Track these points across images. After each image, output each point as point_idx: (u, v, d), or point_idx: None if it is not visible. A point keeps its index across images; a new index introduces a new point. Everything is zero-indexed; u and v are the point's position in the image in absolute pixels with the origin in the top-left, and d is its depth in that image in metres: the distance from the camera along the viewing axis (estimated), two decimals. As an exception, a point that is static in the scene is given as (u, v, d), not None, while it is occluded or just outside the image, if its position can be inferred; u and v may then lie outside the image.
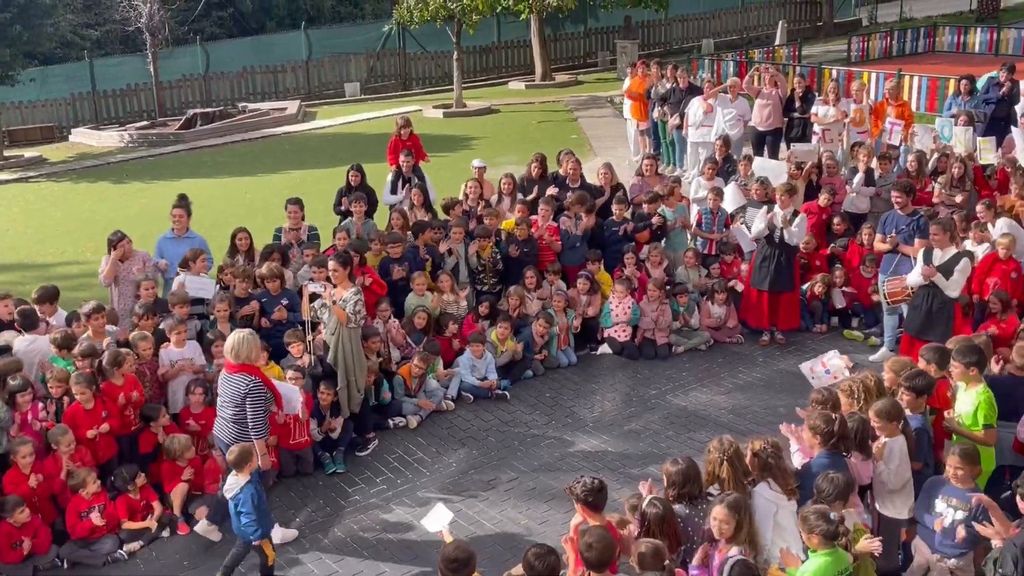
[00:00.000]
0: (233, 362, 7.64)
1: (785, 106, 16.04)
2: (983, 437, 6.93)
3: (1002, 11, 34.76)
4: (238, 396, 7.61)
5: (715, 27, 35.35)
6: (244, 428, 7.62)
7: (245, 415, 7.61)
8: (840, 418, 6.44)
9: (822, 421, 6.44)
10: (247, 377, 7.62)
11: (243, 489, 7.08)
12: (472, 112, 25.81)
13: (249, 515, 7.06)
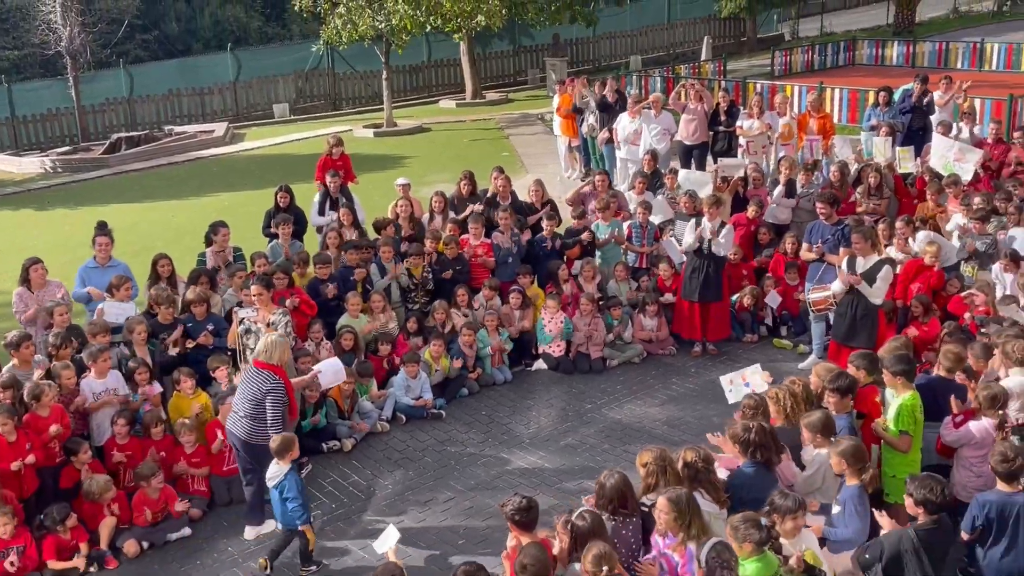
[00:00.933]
0: (264, 361, 7.89)
1: (710, 120, 16.30)
2: (897, 442, 7.06)
3: (917, 25, 35.81)
4: (259, 392, 7.82)
5: (642, 44, 35.82)
6: (259, 424, 7.82)
7: (263, 411, 7.80)
8: (758, 427, 6.50)
9: (741, 430, 6.51)
10: (273, 376, 7.86)
11: (287, 476, 7.42)
12: (403, 131, 25.76)
13: (295, 500, 7.37)
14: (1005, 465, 6.09)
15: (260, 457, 7.84)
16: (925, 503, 5.91)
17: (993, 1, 39.49)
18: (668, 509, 5.79)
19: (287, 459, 7.47)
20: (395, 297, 11.37)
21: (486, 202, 12.74)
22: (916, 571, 5.82)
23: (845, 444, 6.35)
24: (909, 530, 5.95)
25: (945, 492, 5.91)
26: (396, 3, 23.93)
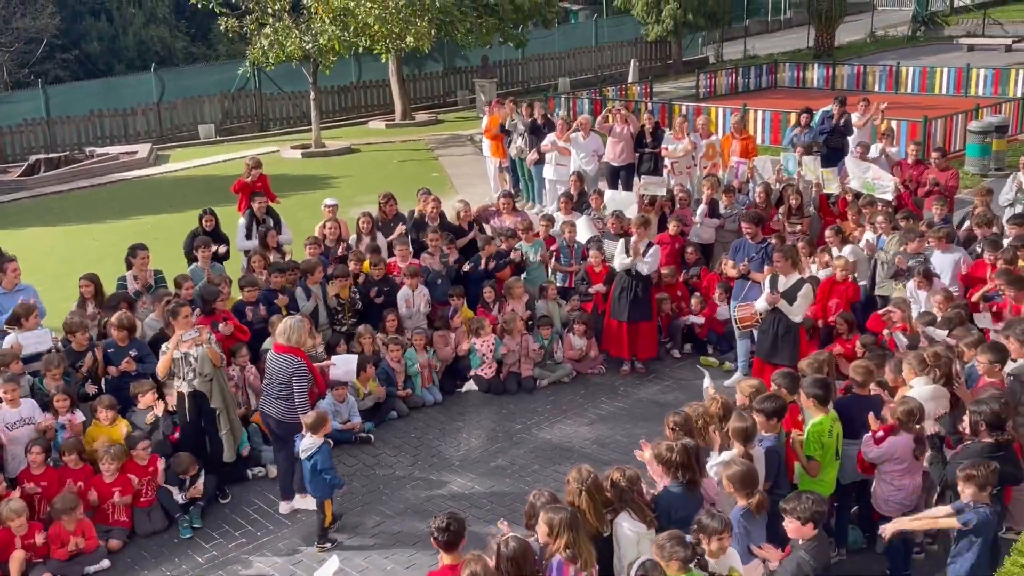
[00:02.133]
0: (284, 344, 8.40)
1: (636, 142, 16.51)
2: (806, 466, 7.19)
3: (836, 49, 36.80)
4: (285, 375, 8.40)
5: (571, 66, 36.17)
6: (290, 404, 8.40)
7: (291, 392, 8.37)
8: (681, 447, 6.54)
9: (664, 450, 6.54)
10: (295, 359, 8.41)
11: (320, 448, 8.04)
12: (331, 152, 25.57)
13: (331, 470, 8.09)
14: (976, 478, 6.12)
15: (293, 435, 8.41)
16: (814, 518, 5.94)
17: (907, 26, 40.78)
18: (542, 524, 5.85)
19: (320, 433, 8.08)
20: (322, 319, 11.23)
21: (413, 223, 12.70)
22: None
23: (735, 468, 6.35)
24: (801, 553, 5.96)
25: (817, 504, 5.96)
26: (324, 24, 23.80)
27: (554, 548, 5.80)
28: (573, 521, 5.87)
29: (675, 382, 11.43)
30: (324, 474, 8.09)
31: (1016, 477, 6.82)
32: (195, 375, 8.81)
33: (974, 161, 19.21)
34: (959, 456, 6.84)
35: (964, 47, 35.29)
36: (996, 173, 18.68)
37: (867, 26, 41.96)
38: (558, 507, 5.96)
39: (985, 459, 6.31)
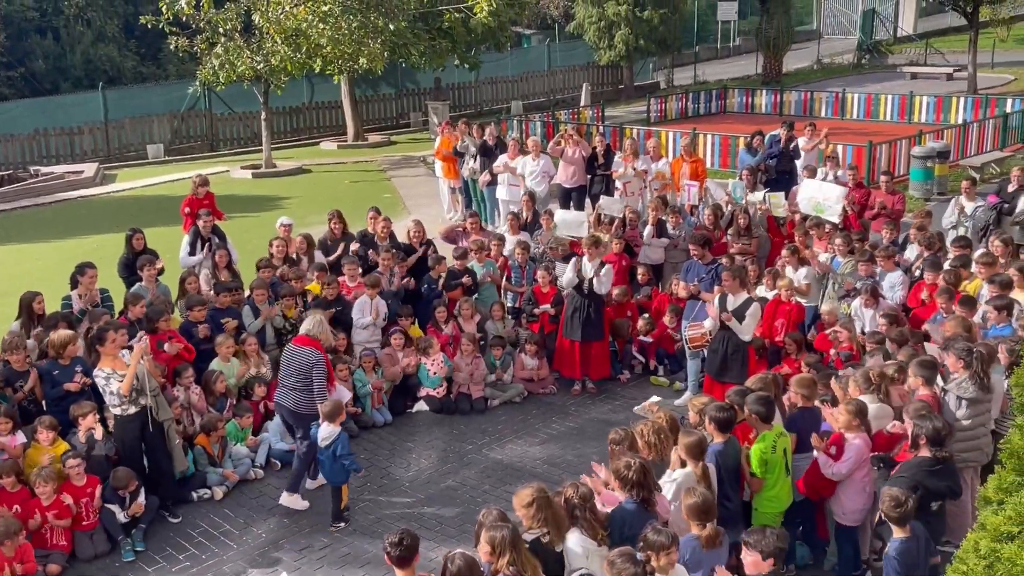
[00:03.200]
0: (307, 337, 8.97)
1: (588, 164, 16.63)
2: (749, 481, 7.27)
3: (784, 75, 37.47)
4: (305, 366, 8.90)
5: (523, 89, 36.40)
6: (306, 394, 8.91)
7: (308, 383, 8.87)
8: (638, 464, 6.55)
9: (624, 467, 6.54)
10: (316, 352, 8.93)
11: (340, 436, 8.56)
12: (282, 172, 25.39)
13: (348, 454, 8.57)
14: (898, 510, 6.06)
15: (306, 425, 8.95)
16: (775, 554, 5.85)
17: (853, 54, 41.65)
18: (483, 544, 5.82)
19: (337, 421, 8.60)
20: (270, 339, 11.09)
21: (361, 242, 12.65)
22: None
23: (694, 499, 6.30)
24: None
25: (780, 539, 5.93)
26: (275, 44, 23.69)
27: (498, 566, 5.75)
28: (515, 538, 5.84)
29: (626, 402, 11.44)
30: (343, 459, 8.55)
31: (954, 491, 6.93)
32: (138, 394, 8.63)
33: (917, 185, 19.63)
34: (900, 470, 6.93)
35: (907, 75, 36.14)
36: (939, 197, 19.11)
37: (814, 54, 42.80)
38: (500, 524, 5.92)
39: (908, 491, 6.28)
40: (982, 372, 7.38)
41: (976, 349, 7.44)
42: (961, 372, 7.44)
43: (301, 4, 23.36)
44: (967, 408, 7.38)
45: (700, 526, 6.27)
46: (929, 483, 6.68)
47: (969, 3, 30.85)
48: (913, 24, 47.55)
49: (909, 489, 6.56)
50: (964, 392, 7.36)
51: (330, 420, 8.61)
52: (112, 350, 8.66)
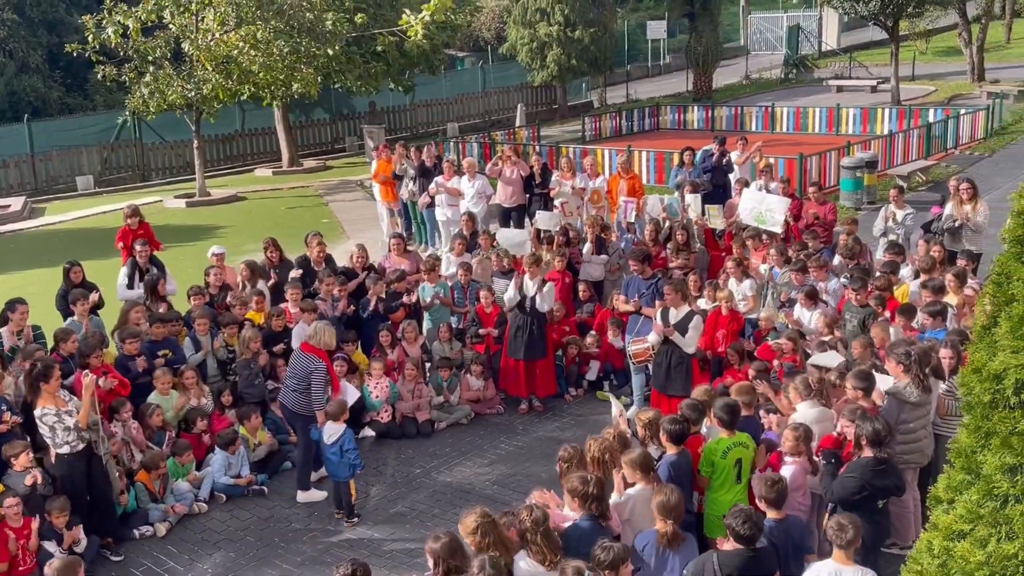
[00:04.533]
0: (310, 344, 9.49)
1: (526, 183, 16.70)
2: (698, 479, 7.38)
3: (714, 92, 38.13)
4: (305, 372, 9.39)
5: (458, 111, 36.49)
6: (305, 397, 9.42)
7: (308, 387, 9.37)
8: (596, 479, 6.55)
9: (579, 483, 6.52)
10: (316, 359, 9.44)
11: (344, 432, 9.03)
12: (217, 200, 25.05)
13: (353, 450, 9.04)
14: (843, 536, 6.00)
15: (304, 425, 9.49)
16: (730, 529, 6.08)
17: (780, 69, 42.55)
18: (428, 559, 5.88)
19: (341, 420, 9.07)
20: (211, 370, 10.88)
21: (301, 268, 12.51)
22: None
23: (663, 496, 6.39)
24: (713, 553, 6.13)
25: (750, 523, 6.02)
26: (206, 72, 23.42)
27: None
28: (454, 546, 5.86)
29: (573, 419, 11.47)
30: (349, 453, 8.98)
31: (899, 488, 7.06)
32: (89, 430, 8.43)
33: (847, 195, 20.06)
34: (846, 472, 7.03)
35: (833, 88, 37.01)
36: (868, 206, 19.55)
37: (742, 70, 43.64)
38: (437, 536, 5.94)
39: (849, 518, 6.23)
40: (922, 376, 7.54)
41: (915, 353, 7.59)
42: (902, 377, 7.59)
43: (232, 31, 23.16)
44: (909, 411, 7.53)
45: (663, 521, 6.29)
46: (876, 482, 6.82)
47: (889, 17, 31.74)
48: (836, 38, 48.77)
49: (858, 488, 6.69)
50: (906, 396, 7.51)
51: (335, 419, 9.10)
52: (55, 387, 8.47)
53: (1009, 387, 3.37)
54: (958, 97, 33.34)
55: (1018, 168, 22.73)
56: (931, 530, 3.69)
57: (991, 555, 3.32)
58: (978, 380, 3.51)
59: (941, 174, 22.65)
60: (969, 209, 13.07)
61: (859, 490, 6.75)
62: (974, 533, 3.42)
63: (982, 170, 22.61)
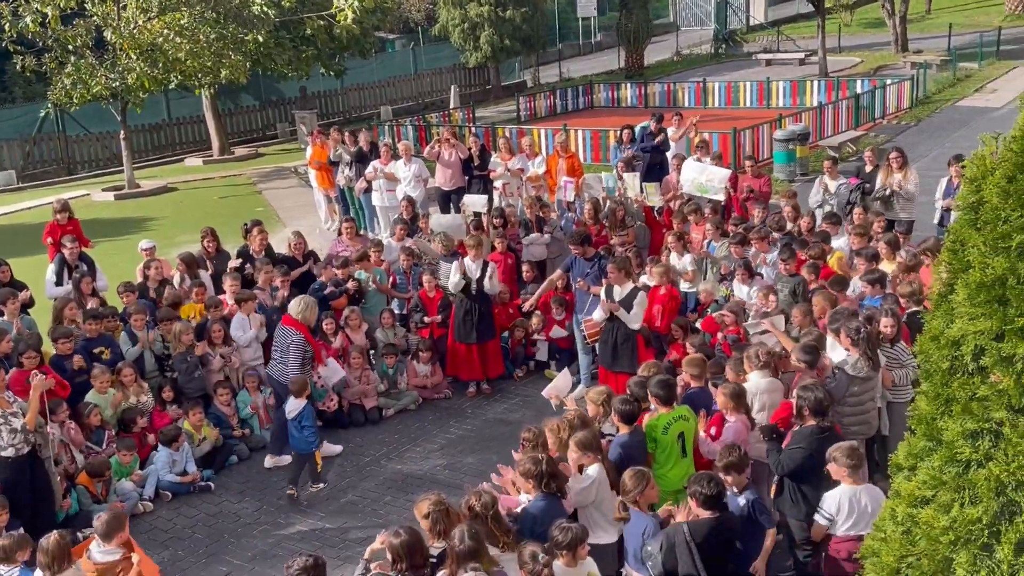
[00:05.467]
0: (293, 318, 9.91)
1: (464, 166, 16.58)
2: None
3: (646, 68, 38.30)
4: (284, 344, 9.94)
5: (391, 94, 36.11)
6: (285, 367, 9.92)
7: (288, 358, 9.88)
8: (547, 459, 6.54)
9: (531, 464, 6.51)
10: (295, 332, 9.91)
11: (304, 408, 9.29)
12: (147, 192, 24.46)
13: (310, 427, 9.31)
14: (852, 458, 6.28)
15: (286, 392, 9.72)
16: (695, 496, 6.20)
17: (710, 44, 42.92)
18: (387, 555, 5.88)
19: (303, 396, 9.36)
20: (149, 366, 10.62)
21: (241, 258, 12.28)
22: (687, 563, 6.07)
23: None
24: (683, 524, 6.20)
25: (713, 482, 6.16)
26: (131, 61, 22.78)
27: None
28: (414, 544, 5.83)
29: (521, 400, 11.46)
30: (305, 430, 9.25)
31: None
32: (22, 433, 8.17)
33: (781, 168, 20.31)
34: (792, 443, 7.12)
35: (762, 62, 37.45)
36: (802, 178, 19.82)
37: (673, 46, 43.89)
38: (398, 532, 5.89)
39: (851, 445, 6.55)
40: (871, 351, 7.66)
41: (865, 328, 7.70)
42: (852, 351, 7.70)
43: (155, 18, 22.56)
44: (857, 385, 7.65)
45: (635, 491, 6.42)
46: (822, 450, 6.90)
47: (815, -10, 32.17)
48: (764, 13, 49.36)
49: (805, 457, 6.77)
50: (856, 371, 7.63)
51: (296, 395, 9.38)
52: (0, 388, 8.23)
53: (968, 353, 3.42)
54: (883, 68, 33.98)
55: (943, 136, 23.28)
56: (894, 498, 3.73)
57: (955, 520, 3.37)
58: (936, 347, 3.55)
59: (870, 143, 23.05)
60: (900, 178, 13.31)
61: (806, 459, 6.83)
62: (937, 499, 3.46)
63: (909, 138, 23.09)
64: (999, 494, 3.34)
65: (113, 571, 6.44)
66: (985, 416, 3.36)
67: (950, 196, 12.88)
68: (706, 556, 6.09)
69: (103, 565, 6.42)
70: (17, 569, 6.63)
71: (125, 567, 6.49)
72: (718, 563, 6.21)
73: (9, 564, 6.60)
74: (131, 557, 6.57)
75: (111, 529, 6.51)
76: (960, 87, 29.86)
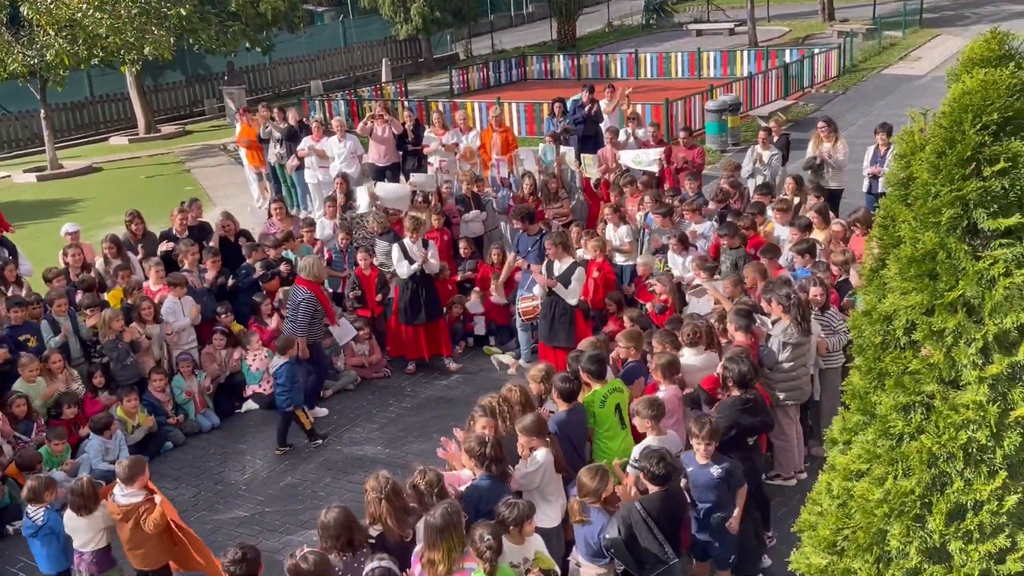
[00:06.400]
0: (304, 277, 10.35)
1: (398, 141, 16.40)
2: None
3: (578, 40, 38.26)
4: (295, 302, 10.34)
5: (321, 68, 35.54)
6: (296, 325, 10.31)
7: (298, 315, 10.25)
8: (493, 440, 6.52)
9: (476, 444, 6.48)
10: (306, 291, 10.28)
11: (281, 366, 9.60)
12: (71, 173, 23.76)
13: (283, 386, 9.63)
14: (661, 465, 6.27)
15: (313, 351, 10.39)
16: (643, 470, 6.26)
17: (641, 15, 43.01)
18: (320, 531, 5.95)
19: (287, 355, 9.70)
20: (75, 352, 10.34)
21: (166, 239, 12.02)
22: (648, 538, 6.12)
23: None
24: (635, 503, 6.24)
25: (663, 462, 6.20)
26: (49, 37, 22.02)
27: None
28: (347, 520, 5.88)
29: (461, 376, 11.43)
30: (278, 388, 9.69)
31: (767, 425, 7.28)
32: None
33: (713, 138, 20.50)
34: (716, 411, 7.22)
35: (693, 32, 37.64)
36: (734, 148, 20.03)
37: (604, 17, 43.89)
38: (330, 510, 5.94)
39: None
40: (801, 318, 7.78)
41: (795, 296, 7.82)
42: (784, 318, 7.81)
43: (73, -9, 21.83)
44: (789, 351, 7.77)
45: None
46: (743, 420, 7.01)
47: (743, -40, 32.37)
48: (694, -17, 49.53)
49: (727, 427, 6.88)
50: (787, 337, 7.74)
51: (280, 353, 9.73)
52: None
53: (900, 328, 3.47)
54: (811, 37, 34.42)
55: (870, 104, 23.70)
56: (829, 471, 3.79)
57: (889, 492, 3.43)
58: (868, 322, 3.60)
59: (800, 113, 23.39)
60: (829, 147, 13.50)
61: (728, 429, 6.93)
62: (871, 472, 3.52)
63: (837, 107, 23.47)
64: (931, 466, 3.42)
65: (136, 512, 6.96)
66: (917, 390, 3.43)
67: (877, 163, 13.12)
68: (663, 529, 6.15)
69: (127, 507, 6.96)
70: (43, 509, 7.14)
71: (148, 507, 6.98)
72: (673, 534, 6.29)
73: (37, 504, 7.16)
74: (153, 498, 7.05)
75: (133, 473, 7.01)
76: (885, 55, 30.40)
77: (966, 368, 3.36)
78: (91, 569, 7.06)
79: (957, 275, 3.31)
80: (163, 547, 7.16)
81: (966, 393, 3.34)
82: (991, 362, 3.30)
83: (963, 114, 3.23)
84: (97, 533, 7.03)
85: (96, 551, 7.05)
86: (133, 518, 6.95)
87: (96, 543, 7.05)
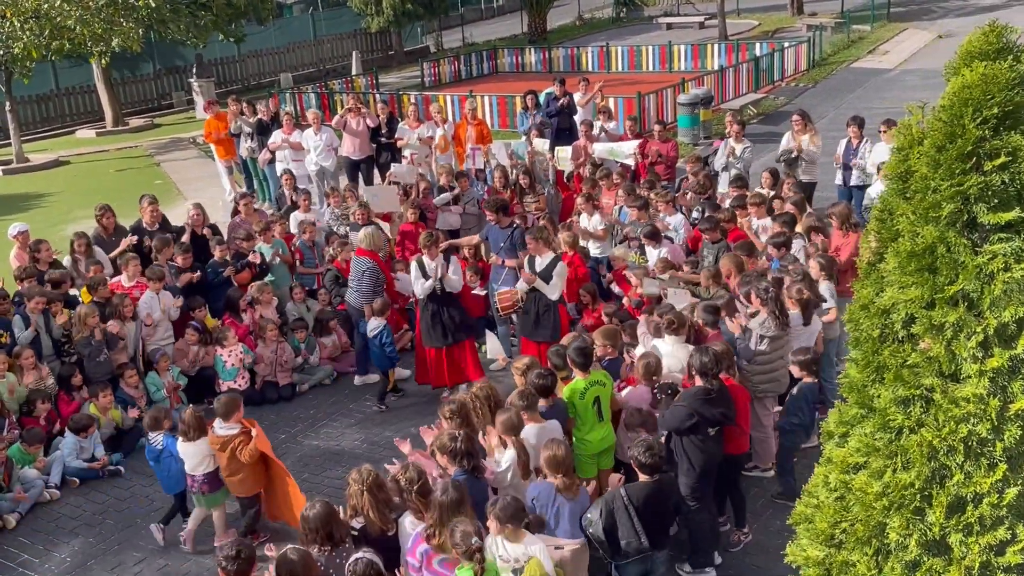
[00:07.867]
0: (365, 248, 10.74)
1: (372, 134, 16.30)
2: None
3: (549, 33, 38.25)
4: (359, 272, 10.73)
5: (291, 61, 35.26)
6: (360, 294, 10.74)
7: (363, 285, 10.69)
8: (465, 435, 6.48)
9: (448, 439, 6.45)
10: (368, 261, 10.68)
11: (383, 328, 10.25)
12: (37, 166, 23.42)
13: (391, 344, 10.32)
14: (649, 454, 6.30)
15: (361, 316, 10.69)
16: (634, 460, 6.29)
17: (612, 9, 43.06)
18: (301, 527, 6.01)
19: (384, 316, 10.31)
20: (47, 350, 10.16)
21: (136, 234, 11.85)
22: (627, 526, 6.14)
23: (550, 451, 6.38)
24: (620, 489, 6.27)
25: (650, 452, 6.22)
26: (15, 29, 21.63)
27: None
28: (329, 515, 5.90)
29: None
30: (386, 347, 10.18)
31: (728, 417, 7.22)
32: None
33: (685, 131, 20.54)
34: (677, 401, 7.19)
35: (663, 26, 37.78)
36: (706, 141, 20.09)
37: (575, 10, 43.93)
38: (310, 506, 5.96)
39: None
40: (779, 311, 7.81)
41: (773, 289, 7.84)
42: (762, 310, 7.84)
43: (39, -18, 21.47)
44: (767, 344, 7.79)
45: (555, 476, 6.33)
46: (704, 410, 6.97)
47: (714, -46, 32.49)
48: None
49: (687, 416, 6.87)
50: (765, 330, 7.77)
51: (379, 315, 10.26)
52: None
53: (898, 321, 3.47)
54: (781, 30, 34.64)
55: (839, 98, 23.88)
56: (825, 464, 3.79)
57: (888, 485, 3.44)
58: (866, 316, 3.60)
59: (771, 106, 23.51)
60: (805, 140, 13.58)
61: (688, 418, 6.92)
62: (870, 465, 3.53)
63: (807, 100, 23.62)
64: (931, 459, 3.43)
65: (233, 442, 7.69)
66: (916, 383, 3.43)
67: (851, 156, 13.21)
68: (646, 519, 6.15)
69: (224, 438, 7.71)
70: (161, 435, 8.10)
71: (244, 440, 7.69)
72: (659, 526, 6.29)
73: (157, 431, 8.13)
74: (250, 431, 7.74)
75: (229, 409, 7.73)
76: (854, 49, 30.66)
77: (966, 362, 3.37)
78: (203, 488, 7.91)
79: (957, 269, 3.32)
80: (256, 476, 7.90)
81: (966, 386, 3.35)
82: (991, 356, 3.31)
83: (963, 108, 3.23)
84: (205, 458, 7.82)
85: (207, 473, 7.86)
86: (229, 448, 7.67)
87: (206, 467, 7.85)
